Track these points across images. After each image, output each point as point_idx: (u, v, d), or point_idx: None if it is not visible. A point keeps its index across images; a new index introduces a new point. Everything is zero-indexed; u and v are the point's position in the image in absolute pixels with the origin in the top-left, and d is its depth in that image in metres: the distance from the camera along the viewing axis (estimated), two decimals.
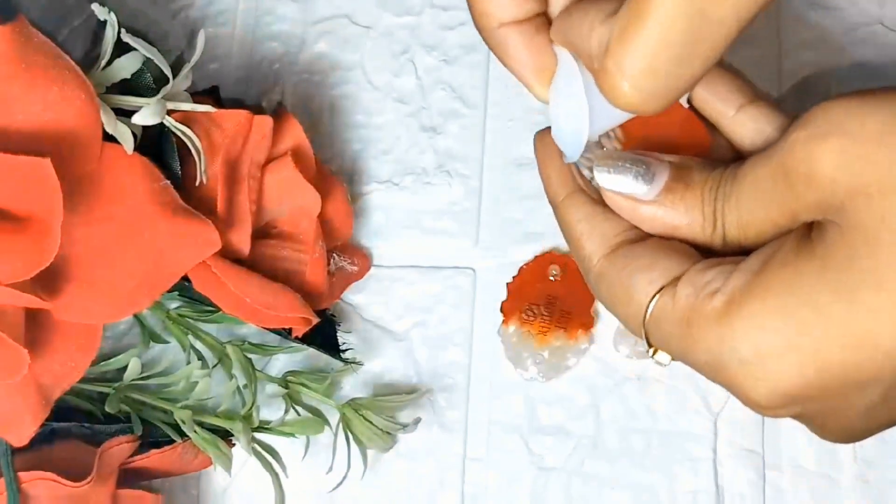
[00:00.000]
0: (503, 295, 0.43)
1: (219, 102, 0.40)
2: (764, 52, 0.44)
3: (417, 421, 0.41)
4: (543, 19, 0.33)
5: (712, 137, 0.34)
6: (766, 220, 0.29)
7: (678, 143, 0.33)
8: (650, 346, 0.31)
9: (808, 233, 0.28)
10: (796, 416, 0.30)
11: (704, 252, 0.31)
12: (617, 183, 0.31)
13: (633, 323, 0.31)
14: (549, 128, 0.35)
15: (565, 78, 0.32)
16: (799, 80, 0.44)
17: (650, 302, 0.30)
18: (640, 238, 0.32)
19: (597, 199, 0.33)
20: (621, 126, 0.33)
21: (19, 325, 0.31)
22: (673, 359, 0.31)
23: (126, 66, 0.34)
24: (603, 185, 0.31)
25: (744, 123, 0.32)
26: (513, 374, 0.42)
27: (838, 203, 0.26)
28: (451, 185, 0.45)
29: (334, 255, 0.42)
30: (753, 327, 0.27)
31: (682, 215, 0.31)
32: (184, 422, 0.38)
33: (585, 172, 0.33)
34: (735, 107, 0.33)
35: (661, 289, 0.30)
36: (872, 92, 0.27)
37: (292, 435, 0.40)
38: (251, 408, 0.39)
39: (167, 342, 0.42)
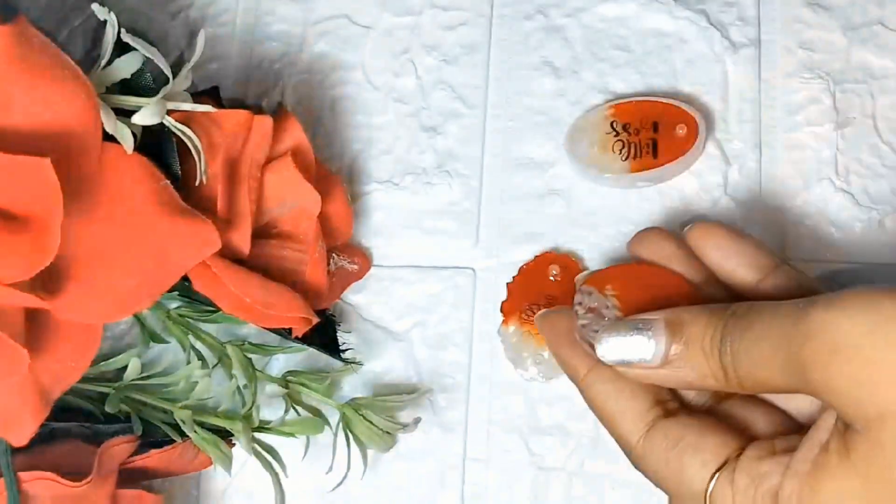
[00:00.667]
0: (503, 295, 0.43)
1: (219, 102, 0.40)
2: (764, 51, 0.44)
3: (417, 421, 0.41)
4: None
5: (690, 284, 0.36)
6: (779, 385, 0.30)
7: (669, 297, 0.35)
8: None
9: (843, 435, 0.29)
10: None
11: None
12: (622, 354, 0.33)
13: (684, 494, 0.33)
14: (550, 309, 0.38)
15: None
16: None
17: (708, 487, 0.31)
18: (674, 410, 0.34)
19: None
20: (616, 295, 0.35)
21: (19, 325, 0.31)
22: None
23: (126, 66, 0.34)
24: (610, 360, 0.33)
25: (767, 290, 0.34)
26: (513, 374, 0.42)
27: (862, 419, 0.28)
28: (451, 185, 0.45)
29: (334, 254, 0.42)
30: None
31: (691, 374, 0.32)
32: (184, 422, 0.38)
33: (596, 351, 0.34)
34: (760, 274, 0.35)
35: (715, 472, 0.31)
36: (880, 296, 0.28)
37: (292, 435, 0.40)
38: (251, 408, 0.39)
39: (167, 342, 0.42)
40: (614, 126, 0.42)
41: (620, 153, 0.42)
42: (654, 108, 0.42)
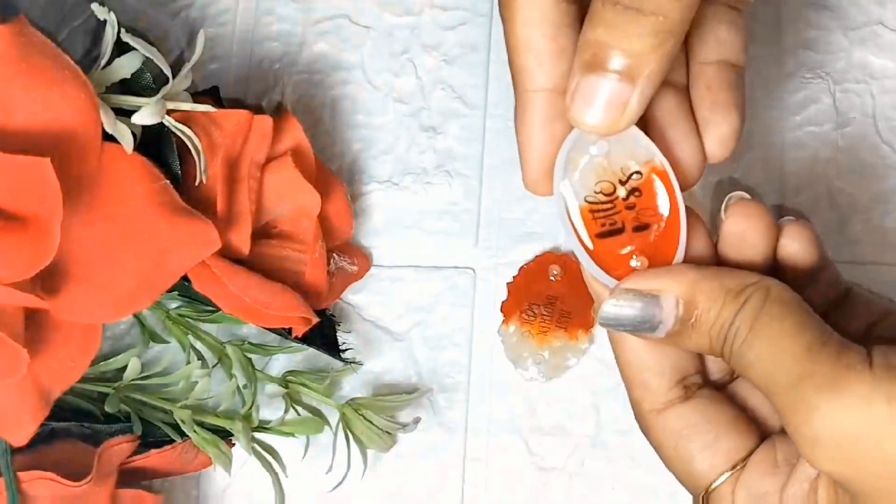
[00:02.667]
0: (503, 295, 0.43)
1: (219, 102, 0.40)
2: (764, 51, 0.44)
3: (417, 421, 0.41)
4: None
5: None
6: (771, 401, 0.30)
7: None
8: None
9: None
10: None
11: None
12: (625, 322, 0.31)
13: (685, 484, 0.33)
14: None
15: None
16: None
17: (710, 486, 0.32)
18: (694, 388, 0.33)
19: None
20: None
21: (19, 325, 0.31)
22: None
23: (126, 66, 0.34)
24: (610, 326, 0.31)
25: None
26: (513, 374, 0.42)
27: (851, 490, 0.29)
28: (451, 185, 0.45)
29: (334, 254, 0.42)
30: None
31: (691, 347, 0.31)
32: (184, 421, 0.38)
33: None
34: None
35: (721, 474, 0.32)
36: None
37: (292, 435, 0.40)
38: (251, 407, 0.39)
39: (167, 342, 0.41)
40: None
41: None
42: None
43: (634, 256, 0.32)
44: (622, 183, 0.31)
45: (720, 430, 0.32)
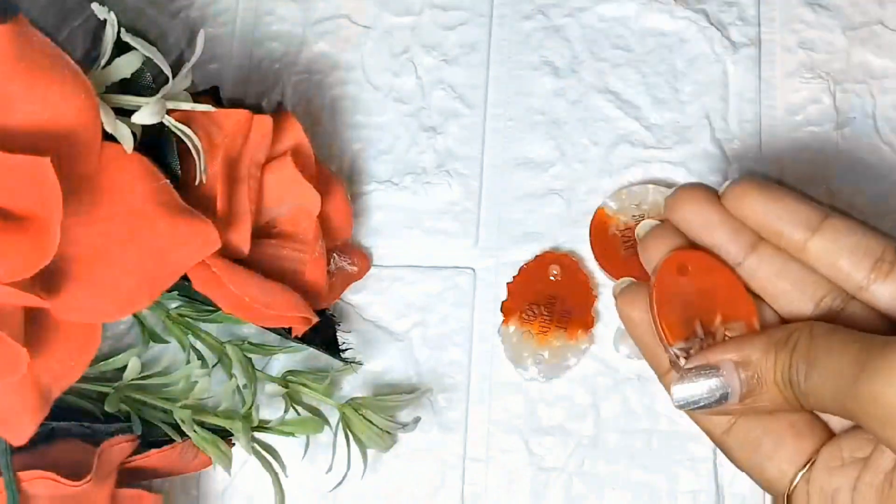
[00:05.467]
0: (503, 295, 0.43)
1: (219, 102, 0.40)
2: (764, 52, 0.44)
3: (417, 421, 0.41)
4: None
5: (756, 305, 0.35)
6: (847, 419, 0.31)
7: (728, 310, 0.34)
8: None
9: None
10: None
11: None
12: (698, 401, 0.33)
13: (769, 492, 0.34)
14: (628, 289, 0.36)
15: None
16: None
17: (788, 489, 0.33)
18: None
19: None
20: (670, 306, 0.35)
21: (19, 325, 0.30)
22: None
23: (126, 66, 0.34)
24: (686, 407, 0.33)
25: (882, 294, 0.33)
26: (513, 374, 0.42)
27: None
28: (451, 185, 0.45)
29: (334, 254, 0.42)
30: None
31: (768, 405, 0.33)
32: (183, 421, 0.38)
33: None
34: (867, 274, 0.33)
35: (793, 477, 0.33)
36: None
37: (292, 434, 0.40)
38: (251, 407, 0.39)
39: (167, 342, 0.41)
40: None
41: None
42: None
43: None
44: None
45: (781, 436, 0.33)
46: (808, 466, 0.33)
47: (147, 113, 0.34)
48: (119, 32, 0.34)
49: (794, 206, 0.34)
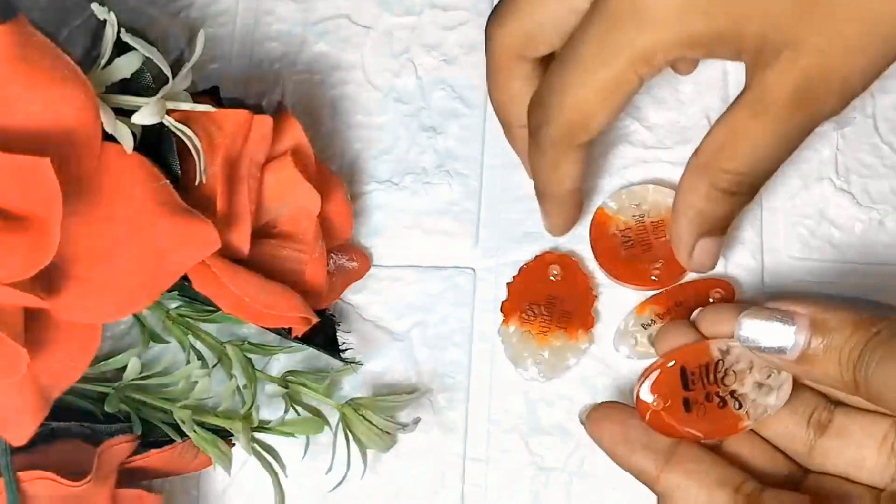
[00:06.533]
0: (503, 295, 0.43)
1: (219, 102, 0.40)
2: None
3: (417, 421, 0.41)
4: None
5: None
6: None
7: None
8: None
9: None
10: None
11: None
12: (761, 338, 0.33)
13: None
14: (600, 412, 0.37)
15: None
16: None
17: None
18: (752, 496, 0.34)
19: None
20: None
21: (19, 325, 0.31)
22: None
23: (126, 66, 0.34)
24: (747, 341, 0.33)
25: None
26: (513, 374, 0.42)
27: None
28: (451, 185, 0.45)
29: (334, 254, 0.42)
30: None
31: (820, 375, 0.33)
32: (183, 421, 0.38)
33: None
34: None
35: None
36: None
37: (292, 435, 0.40)
38: (251, 407, 0.39)
39: (167, 342, 0.41)
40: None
41: None
42: None
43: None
44: None
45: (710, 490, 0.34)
46: None
47: (147, 113, 0.34)
48: (119, 32, 0.34)
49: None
